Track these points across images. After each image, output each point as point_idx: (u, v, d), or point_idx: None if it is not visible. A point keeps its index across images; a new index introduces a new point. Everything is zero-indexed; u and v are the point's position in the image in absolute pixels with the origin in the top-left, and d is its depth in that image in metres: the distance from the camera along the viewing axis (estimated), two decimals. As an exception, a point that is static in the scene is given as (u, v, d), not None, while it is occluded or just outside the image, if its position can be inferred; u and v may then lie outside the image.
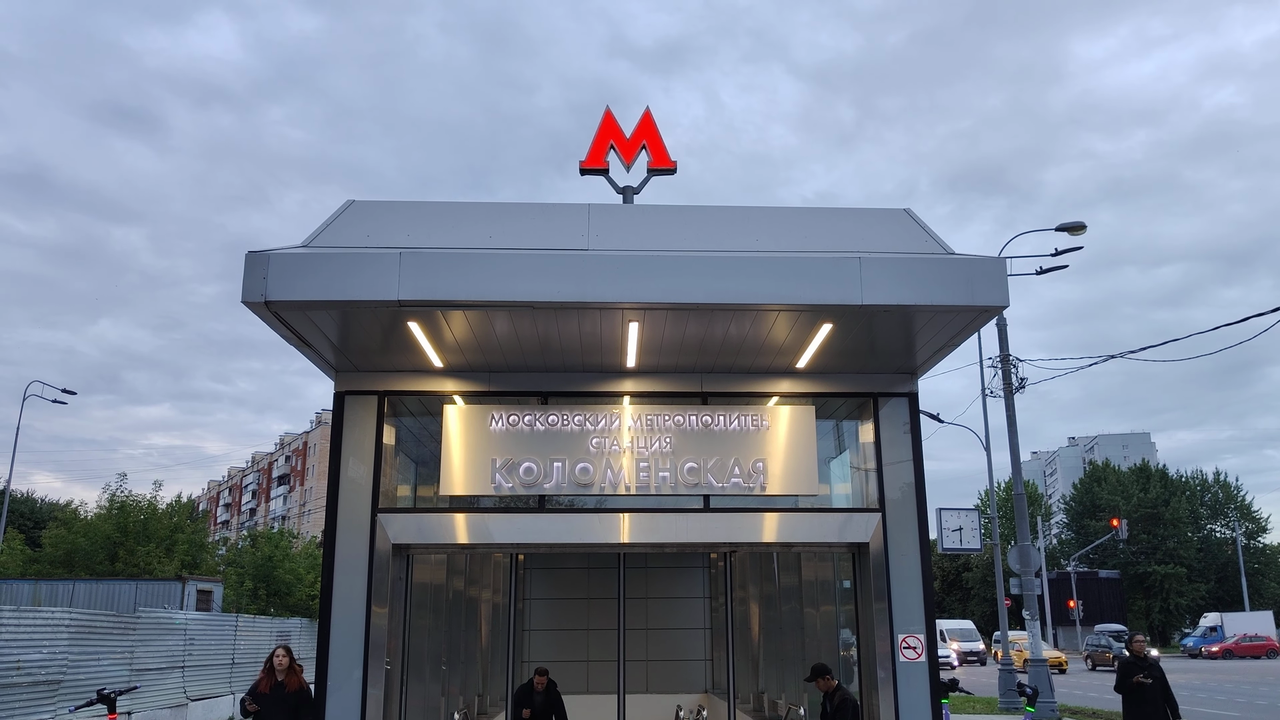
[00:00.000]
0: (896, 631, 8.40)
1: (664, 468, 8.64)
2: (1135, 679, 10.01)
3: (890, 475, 8.75)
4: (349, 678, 8.12)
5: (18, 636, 14.97)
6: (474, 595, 14.55)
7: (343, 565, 8.38)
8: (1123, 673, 10.29)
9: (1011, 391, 23.45)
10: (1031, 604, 22.69)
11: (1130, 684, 10.03)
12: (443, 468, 8.60)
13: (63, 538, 31.31)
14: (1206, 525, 79.12)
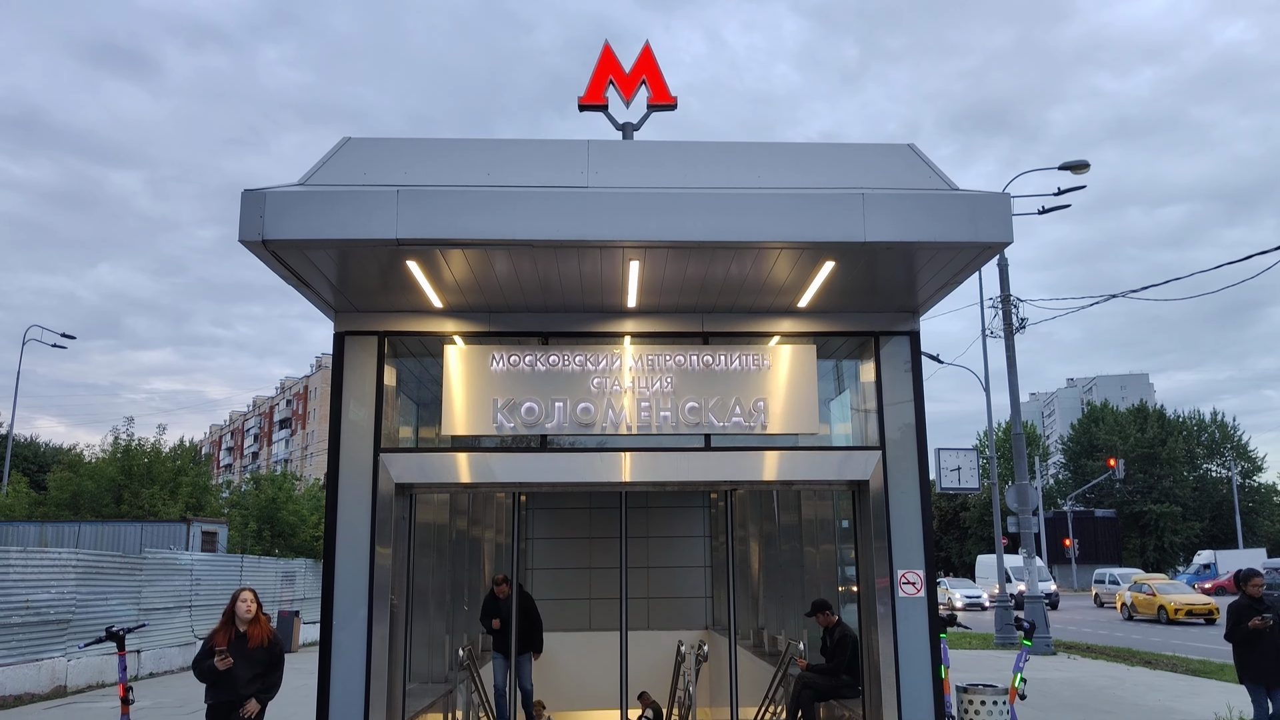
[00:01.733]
0: (896, 568, 8.47)
1: (665, 407, 8.64)
2: (1252, 623, 8.90)
3: (891, 414, 8.76)
4: (354, 616, 8.22)
5: (26, 577, 15.15)
6: (477, 535, 14.70)
7: (346, 505, 8.43)
8: (1237, 617, 9.14)
9: (1012, 332, 23.42)
10: (1029, 542, 22.93)
11: (1246, 629, 8.95)
12: (444, 408, 8.61)
13: (68, 480, 31.49)
14: (1203, 465, 79.70)
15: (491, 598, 11.34)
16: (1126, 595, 35.07)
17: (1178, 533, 74.71)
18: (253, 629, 7.33)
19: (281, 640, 7.45)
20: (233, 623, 7.33)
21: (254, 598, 7.44)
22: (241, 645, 7.27)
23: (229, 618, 7.37)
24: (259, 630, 7.34)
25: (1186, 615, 31.69)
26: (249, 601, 7.39)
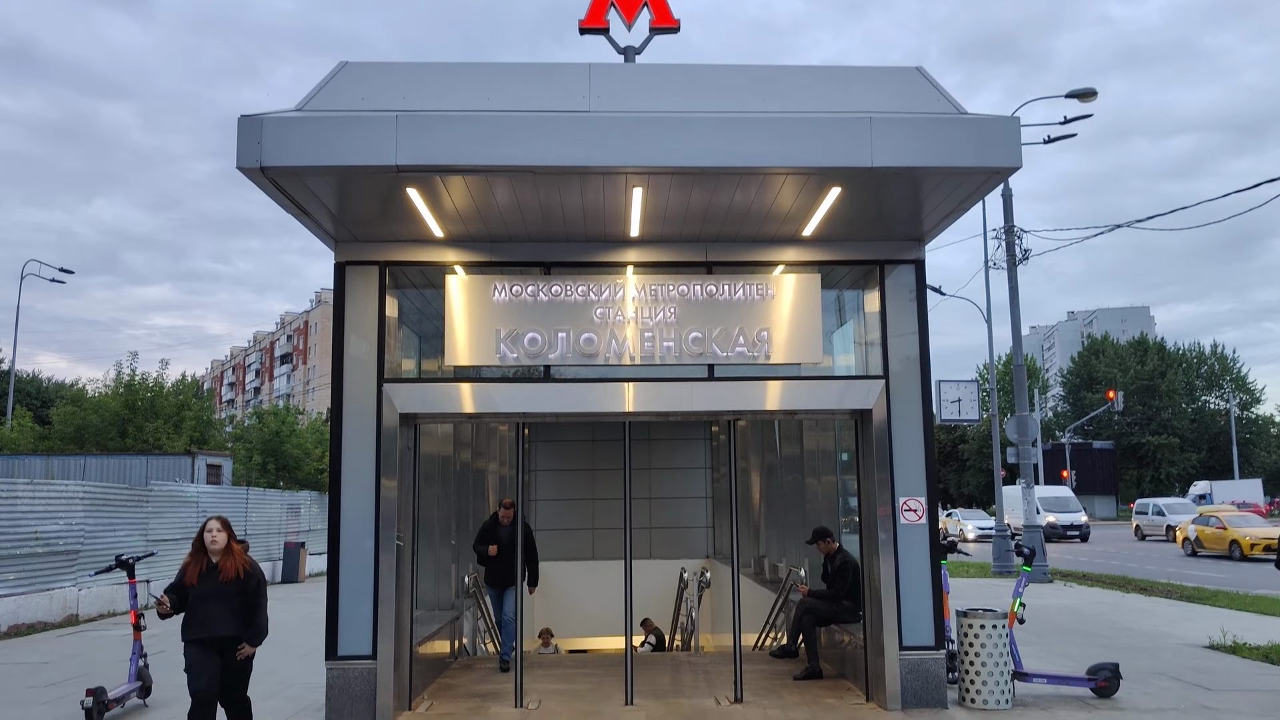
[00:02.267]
0: (898, 495, 8.53)
1: (668, 338, 8.61)
2: None
3: (895, 343, 8.73)
4: (361, 546, 8.29)
5: (34, 508, 15.29)
6: (481, 467, 14.79)
7: (351, 436, 8.45)
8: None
9: (1015, 263, 23.28)
10: (1028, 473, 23.10)
11: None
12: (446, 339, 8.58)
13: (72, 414, 31.64)
14: (1201, 397, 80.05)
15: (492, 522, 10.91)
16: (1190, 529, 31.53)
17: (1174, 464, 75.31)
18: (225, 561, 6.65)
19: (261, 573, 6.77)
20: (204, 553, 6.68)
21: (221, 527, 6.71)
22: (213, 579, 6.60)
23: (199, 548, 6.72)
24: (232, 563, 6.66)
25: (1264, 551, 27.99)
26: (215, 532, 6.68)
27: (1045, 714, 8.04)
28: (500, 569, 10.65)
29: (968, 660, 8.35)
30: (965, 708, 8.26)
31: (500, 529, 10.75)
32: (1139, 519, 42.51)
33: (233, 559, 6.66)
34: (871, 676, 8.57)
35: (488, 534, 10.80)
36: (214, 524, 6.71)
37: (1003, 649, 8.30)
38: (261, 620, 6.74)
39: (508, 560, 10.47)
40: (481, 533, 10.91)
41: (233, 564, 6.64)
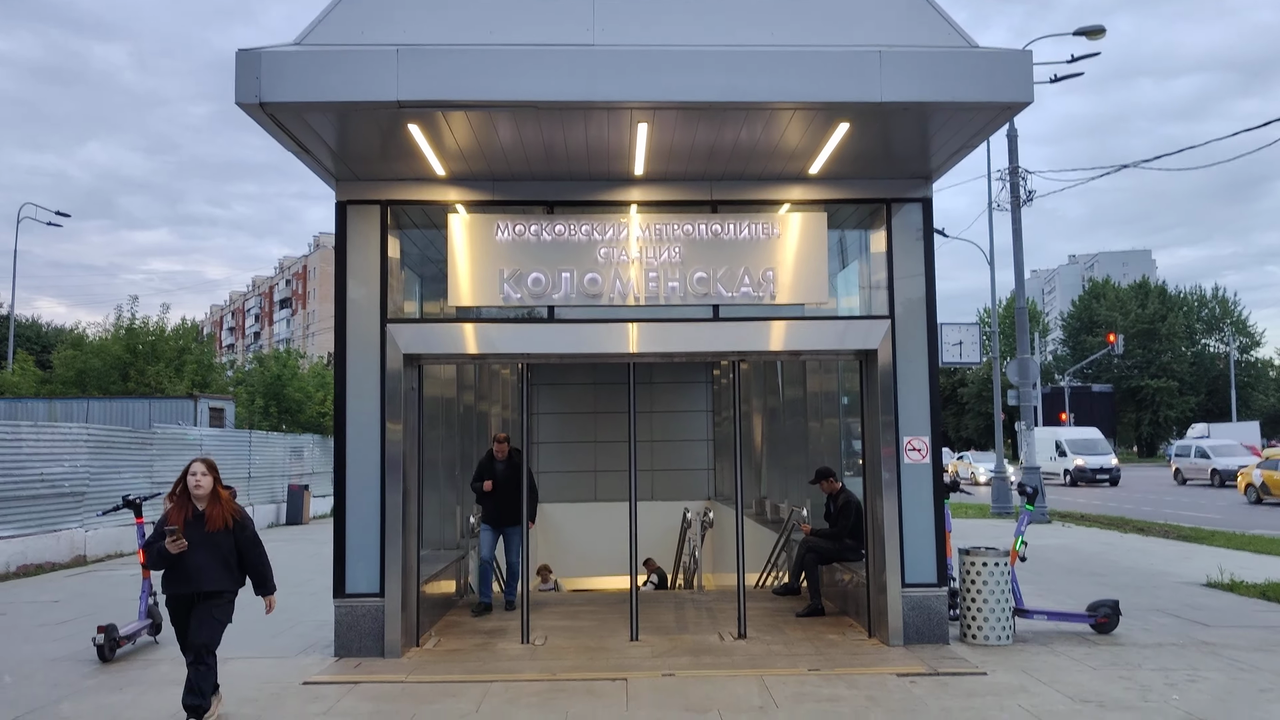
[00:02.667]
0: (902, 435, 8.54)
1: (673, 278, 8.55)
2: None
3: (901, 282, 8.67)
4: (367, 487, 8.32)
5: (39, 451, 15.35)
6: (484, 410, 14.81)
7: (355, 377, 8.43)
8: None
9: (1019, 204, 23.10)
10: (1028, 415, 23.18)
11: None
12: (449, 279, 8.52)
13: (73, 358, 31.64)
14: (1201, 340, 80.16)
15: (488, 459, 10.46)
16: (1255, 474, 28.56)
17: (1173, 407, 75.63)
18: (212, 509, 6.04)
19: (250, 522, 6.24)
20: (187, 500, 6.05)
21: (207, 470, 6.06)
22: (199, 528, 5.98)
23: (183, 495, 6.06)
24: (219, 511, 6.04)
25: None
26: (200, 476, 6.04)
27: (1045, 649, 8.14)
28: (496, 505, 10.29)
29: (969, 597, 8.43)
30: (966, 644, 8.36)
31: (495, 464, 10.37)
32: (1179, 461, 39.47)
33: (220, 507, 6.06)
34: (874, 613, 8.67)
35: (483, 470, 10.40)
36: (199, 466, 6.05)
37: (1004, 586, 8.38)
38: (267, 569, 6.34)
39: (504, 496, 10.14)
40: (478, 470, 10.53)
41: (220, 512, 6.05)
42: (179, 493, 6.06)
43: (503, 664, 7.82)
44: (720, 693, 6.83)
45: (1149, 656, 7.84)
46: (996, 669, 7.45)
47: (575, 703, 6.62)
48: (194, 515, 6.01)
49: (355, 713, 6.46)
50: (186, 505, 6.02)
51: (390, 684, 7.22)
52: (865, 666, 7.57)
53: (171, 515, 6.01)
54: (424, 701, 6.71)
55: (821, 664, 7.66)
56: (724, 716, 6.24)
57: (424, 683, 7.25)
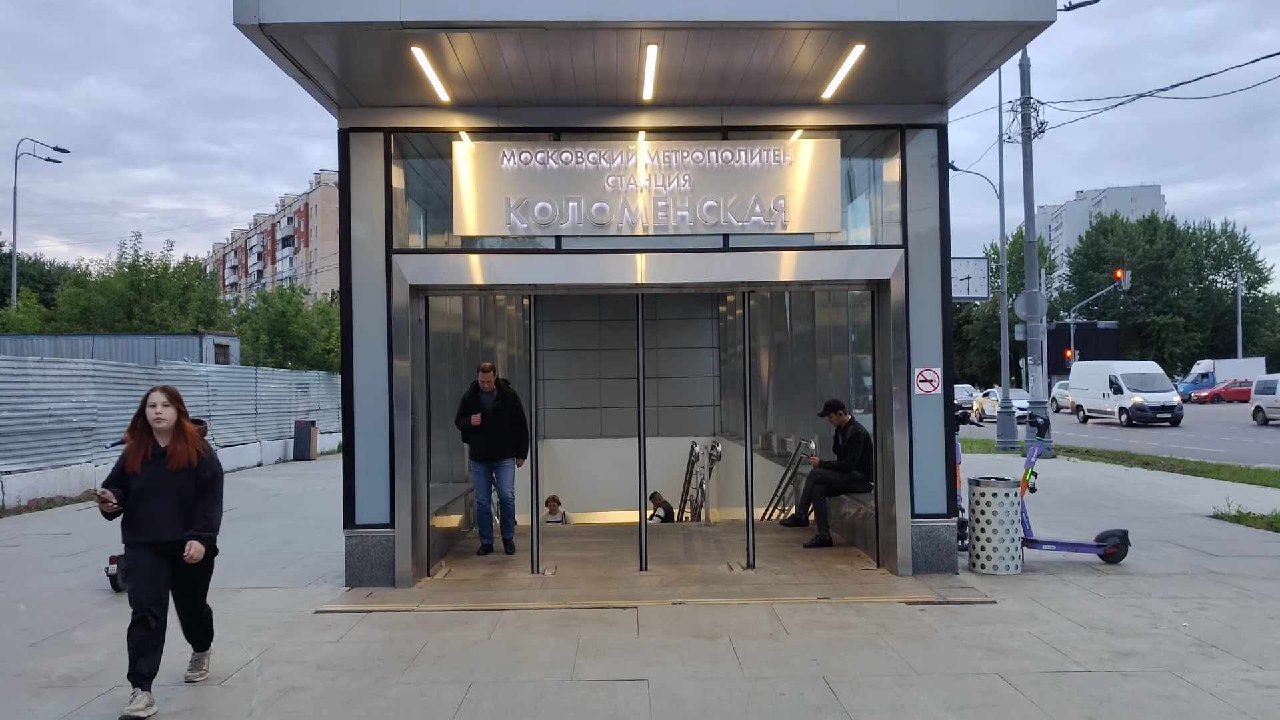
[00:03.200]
0: (914, 366, 8.46)
1: (682, 206, 8.40)
2: None
3: (914, 211, 8.52)
4: (375, 419, 8.28)
5: (45, 386, 15.36)
6: (490, 346, 14.75)
7: (361, 308, 8.34)
8: None
9: (1030, 136, 22.73)
10: (1036, 350, 23.09)
11: None
12: (455, 208, 8.38)
13: (77, 296, 31.57)
14: (1209, 276, 79.57)
15: (473, 392, 9.71)
16: None
17: (1179, 343, 75.39)
18: (175, 446, 5.26)
19: (218, 462, 5.48)
20: (148, 434, 5.28)
21: (169, 400, 5.28)
22: (159, 468, 5.22)
23: (143, 429, 5.28)
24: (184, 447, 5.26)
25: None
26: (160, 407, 5.24)
27: (1054, 578, 8.16)
28: (486, 440, 9.58)
29: (979, 527, 8.44)
30: (975, 573, 8.39)
31: (481, 396, 9.66)
32: (1261, 399, 34.53)
33: (185, 443, 5.28)
34: (883, 544, 8.68)
35: (469, 404, 9.66)
36: (158, 396, 5.26)
37: (1014, 517, 8.38)
38: (214, 515, 5.39)
39: (494, 430, 9.53)
40: (462, 404, 9.75)
41: (184, 449, 5.27)
42: (138, 426, 5.26)
43: (514, 593, 7.86)
44: (730, 620, 6.86)
45: (1158, 585, 7.86)
46: (1006, 597, 7.47)
47: (587, 629, 6.65)
48: (154, 452, 5.23)
49: (368, 640, 6.50)
50: (147, 441, 5.25)
51: (402, 612, 7.26)
52: (874, 595, 7.59)
53: (129, 455, 5.25)
54: (436, 629, 6.75)
55: (831, 593, 7.69)
56: (735, 642, 6.27)
57: (436, 611, 7.29)
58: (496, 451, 9.63)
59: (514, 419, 9.61)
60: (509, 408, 9.54)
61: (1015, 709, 4.98)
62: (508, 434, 9.52)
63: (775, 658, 5.94)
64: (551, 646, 6.26)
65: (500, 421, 9.58)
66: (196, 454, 5.31)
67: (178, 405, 5.33)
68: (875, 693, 5.26)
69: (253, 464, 22.31)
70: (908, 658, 5.90)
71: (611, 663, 5.88)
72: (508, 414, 9.52)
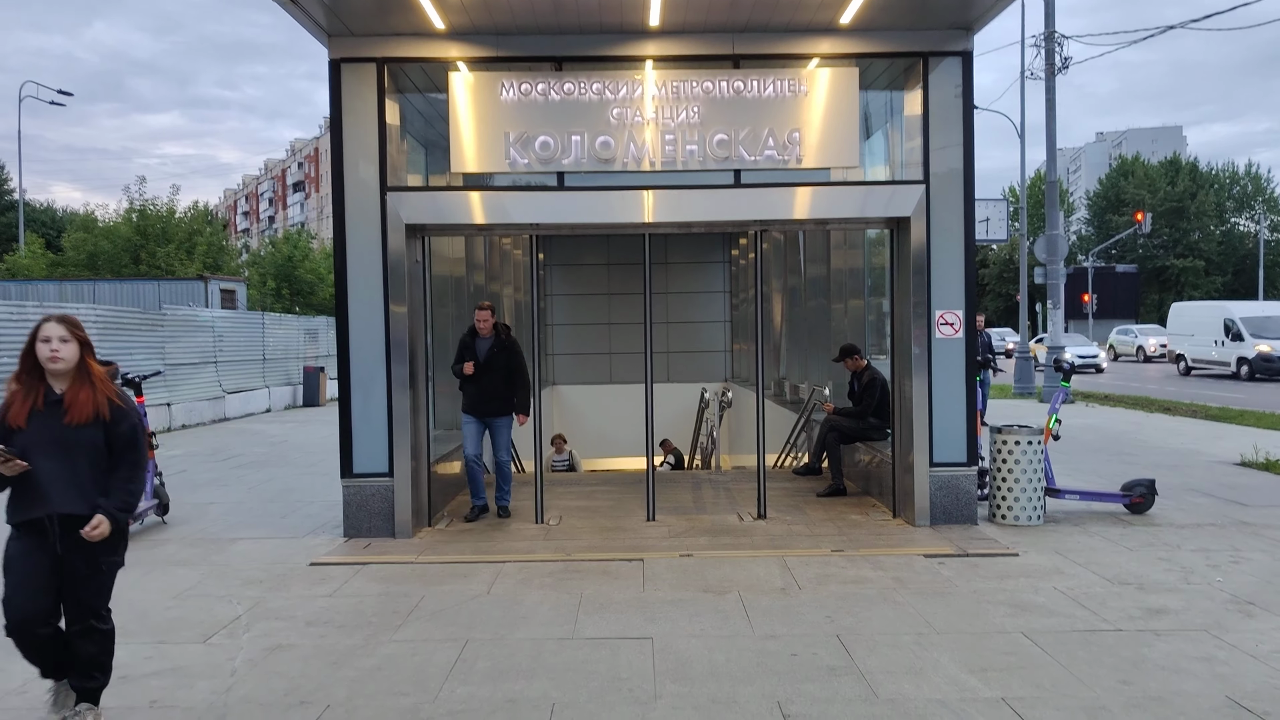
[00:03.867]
0: (934, 308, 8.07)
1: (691, 140, 7.96)
2: None
3: (937, 144, 8.06)
4: (372, 365, 7.96)
5: (45, 332, 15.10)
6: (495, 290, 14.39)
7: (355, 250, 7.98)
8: None
9: (1054, 72, 21.96)
10: (1055, 293, 22.58)
11: None
12: (452, 143, 7.96)
13: (84, 241, 31.34)
14: (1231, 219, 78.21)
15: (469, 336, 8.64)
16: None
17: (1198, 287, 74.31)
18: (76, 392, 3.96)
19: (135, 414, 4.16)
20: (40, 379, 3.98)
21: (67, 334, 3.96)
22: (53, 421, 3.94)
23: (33, 371, 3.98)
24: (88, 396, 3.97)
25: None
26: (56, 341, 3.93)
27: (1078, 529, 7.85)
28: (479, 392, 8.55)
29: (1000, 477, 8.11)
30: (996, 524, 8.08)
31: (478, 341, 8.62)
32: None
33: (90, 389, 3.98)
34: (899, 493, 8.37)
35: (464, 350, 8.62)
36: (54, 328, 3.95)
37: (1036, 465, 8.04)
38: (134, 487, 4.06)
39: (488, 380, 8.51)
40: (459, 349, 8.73)
41: (89, 397, 3.97)
42: (26, 368, 3.98)
43: (516, 544, 7.60)
44: (740, 573, 6.58)
45: (1187, 537, 7.53)
46: (1029, 550, 7.16)
47: (590, 584, 6.38)
48: (47, 401, 3.95)
49: (362, 594, 6.25)
50: (37, 387, 3.97)
51: (399, 565, 7.01)
52: (891, 547, 7.29)
53: (12, 401, 3.96)
54: (434, 582, 6.49)
55: (845, 545, 7.40)
56: (744, 598, 5.99)
57: (434, 563, 7.04)
58: (490, 405, 8.55)
59: (512, 369, 8.54)
60: (507, 356, 8.52)
61: (1043, 672, 4.68)
62: (503, 386, 8.49)
63: (787, 614, 5.65)
64: (553, 601, 5.99)
65: (495, 371, 8.50)
66: (108, 403, 3.99)
67: (80, 339, 4.00)
68: (893, 653, 4.97)
69: (261, 410, 22.14)
70: (927, 615, 5.61)
71: (615, 619, 5.61)
72: (505, 363, 8.49)
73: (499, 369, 8.54)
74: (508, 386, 8.55)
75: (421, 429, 8.27)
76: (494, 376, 8.54)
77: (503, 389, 8.55)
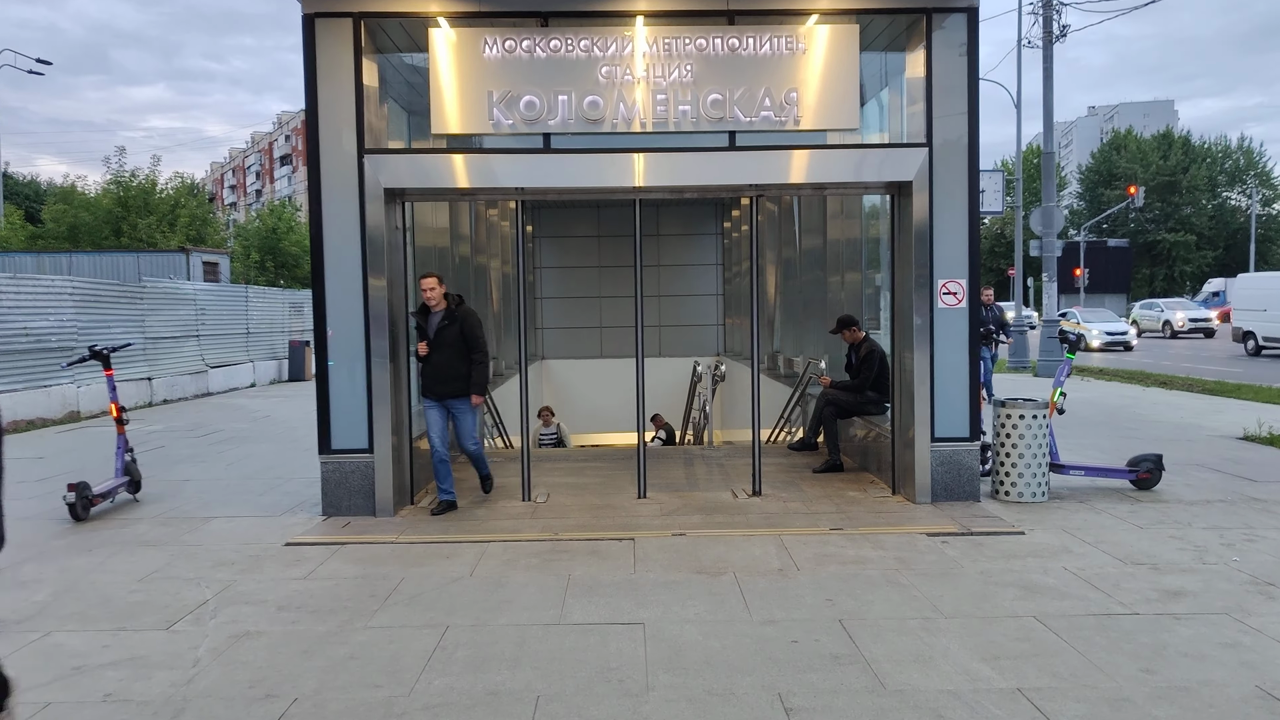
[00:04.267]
0: (937, 277, 7.75)
1: (684, 100, 7.59)
2: None
3: (940, 105, 7.70)
4: (350, 336, 7.61)
5: (19, 304, 14.68)
6: (482, 263, 14.02)
7: (332, 215, 7.61)
8: None
9: (1051, 40, 21.56)
10: (1050, 266, 22.30)
11: None
12: (432, 102, 7.58)
13: (64, 213, 30.76)
14: (1223, 193, 78.02)
15: (420, 312, 7.81)
16: None
17: (1189, 262, 74.27)
18: None
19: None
20: None
21: None
22: None
23: None
24: None
25: None
26: None
27: (1085, 506, 7.58)
28: (434, 372, 7.69)
29: (1004, 452, 7.82)
30: (999, 500, 7.81)
31: (431, 317, 7.75)
32: None
33: None
34: (899, 469, 8.08)
35: (418, 330, 7.85)
36: None
37: (1041, 441, 7.76)
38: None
39: (442, 358, 7.65)
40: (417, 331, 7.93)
41: None
42: None
43: (502, 523, 7.30)
44: (735, 554, 6.29)
45: (1198, 514, 7.27)
46: (1034, 528, 6.89)
47: (578, 565, 6.09)
48: None
49: (338, 576, 5.94)
50: None
51: (379, 545, 6.70)
52: (892, 525, 7.01)
53: None
54: (414, 564, 6.18)
55: (844, 523, 7.11)
56: (740, 580, 5.70)
57: (416, 543, 6.73)
58: (448, 386, 7.68)
59: (467, 344, 7.64)
60: (462, 330, 7.61)
61: (1059, 659, 4.41)
62: (460, 363, 7.63)
63: (785, 597, 5.37)
64: (539, 584, 5.69)
65: (448, 346, 7.61)
66: None
67: None
68: (899, 639, 4.69)
69: (245, 385, 21.75)
70: (932, 598, 5.32)
71: (604, 603, 5.31)
72: (458, 338, 7.60)
73: (451, 343, 7.62)
74: (465, 363, 7.69)
75: (403, 404, 7.95)
76: (448, 353, 7.63)
77: (460, 366, 7.66)
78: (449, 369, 7.67)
